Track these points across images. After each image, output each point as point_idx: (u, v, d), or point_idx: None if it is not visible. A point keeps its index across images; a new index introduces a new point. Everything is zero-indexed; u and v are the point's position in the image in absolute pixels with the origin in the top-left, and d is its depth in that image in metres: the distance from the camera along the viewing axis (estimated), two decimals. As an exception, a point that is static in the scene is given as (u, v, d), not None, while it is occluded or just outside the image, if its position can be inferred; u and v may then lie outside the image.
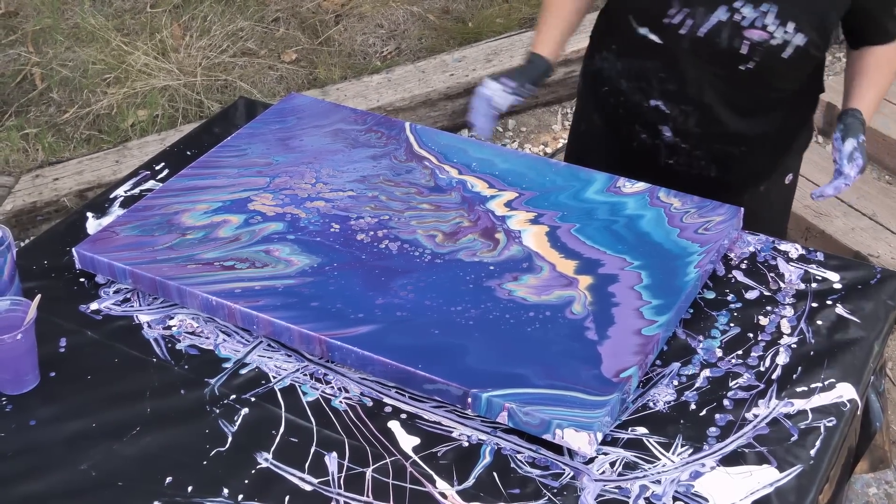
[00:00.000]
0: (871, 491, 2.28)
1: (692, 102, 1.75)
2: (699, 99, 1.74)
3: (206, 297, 1.52)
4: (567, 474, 1.31)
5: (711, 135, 1.78)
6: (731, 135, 1.78)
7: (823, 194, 1.69)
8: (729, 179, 1.84)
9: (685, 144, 1.81)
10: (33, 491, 1.33)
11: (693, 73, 1.72)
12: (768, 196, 1.90)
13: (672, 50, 1.71)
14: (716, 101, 1.74)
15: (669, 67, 1.73)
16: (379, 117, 1.93)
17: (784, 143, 1.85)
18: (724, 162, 1.82)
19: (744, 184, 1.86)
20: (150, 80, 3.55)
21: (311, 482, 1.31)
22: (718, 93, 1.73)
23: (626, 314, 1.45)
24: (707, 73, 1.71)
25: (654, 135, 1.82)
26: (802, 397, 1.38)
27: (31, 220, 3.14)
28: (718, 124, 1.76)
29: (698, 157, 1.82)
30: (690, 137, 1.79)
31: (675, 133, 1.80)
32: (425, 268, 1.56)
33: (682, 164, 1.84)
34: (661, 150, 1.83)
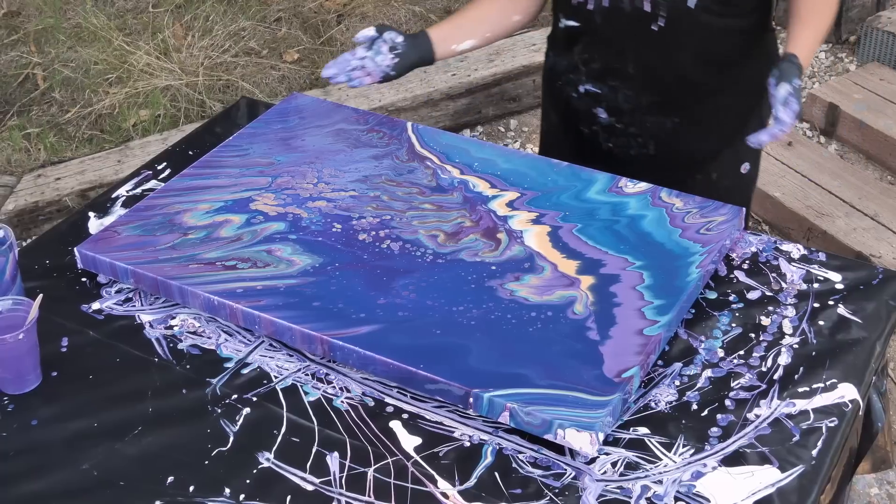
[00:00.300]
0: (873, 491, 2.28)
1: (617, 76, 1.79)
2: (623, 71, 1.78)
3: (208, 297, 1.52)
4: (568, 474, 1.31)
5: (641, 108, 1.80)
6: (660, 105, 1.80)
7: (759, 140, 1.64)
8: (672, 159, 1.85)
9: (620, 124, 1.83)
10: (35, 490, 1.33)
11: (612, 47, 1.76)
12: (721, 184, 1.87)
13: (589, 29, 1.77)
14: (639, 71, 1.77)
15: (591, 47, 1.79)
16: (381, 117, 1.93)
17: (724, 120, 1.83)
18: (660, 137, 1.83)
19: (689, 165, 1.87)
20: (152, 80, 3.55)
21: (313, 482, 1.31)
22: (640, 62, 1.76)
23: (627, 314, 1.45)
24: (624, 43, 1.75)
25: (591, 120, 1.86)
26: (804, 397, 1.38)
27: (32, 220, 3.14)
28: (645, 94, 1.79)
29: (634, 134, 1.84)
30: (624, 115, 1.82)
31: (609, 112, 1.83)
32: (427, 268, 1.56)
33: (621, 146, 1.86)
34: (600, 135, 1.87)
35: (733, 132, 1.84)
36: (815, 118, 3.43)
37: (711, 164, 1.87)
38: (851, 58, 3.72)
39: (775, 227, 3.06)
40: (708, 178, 1.88)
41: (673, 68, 1.76)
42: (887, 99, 3.36)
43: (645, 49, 1.74)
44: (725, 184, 1.88)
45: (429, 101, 3.46)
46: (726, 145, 1.86)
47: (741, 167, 1.90)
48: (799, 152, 3.23)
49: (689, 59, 1.75)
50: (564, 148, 1.95)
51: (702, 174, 1.87)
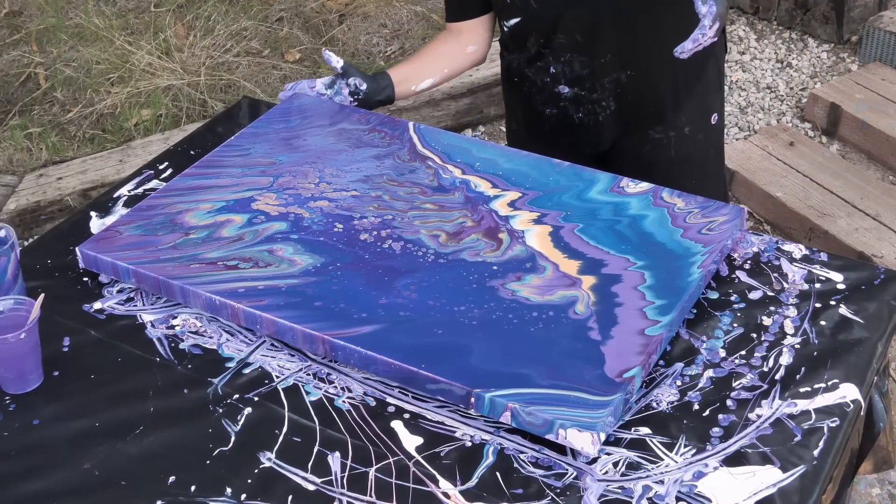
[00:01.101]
0: (875, 492, 2.28)
1: (567, 48, 1.85)
2: (572, 41, 1.84)
3: (210, 297, 1.52)
4: (570, 474, 1.31)
5: (597, 70, 1.87)
6: (613, 62, 1.85)
7: (683, 49, 1.65)
8: (637, 113, 1.91)
9: (583, 91, 1.90)
10: (37, 490, 1.33)
11: (554, 23, 1.83)
12: (697, 137, 1.95)
13: (529, 17, 1.85)
14: (585, 35, 1.83)
15: (538, 32, 1.86)
16: (382, 117, 1.93)
17: (678, 64, 1.84)
18: (620, 94, 1.89)
19: (658, 118, 1.92)
20: (153, 80, 3.55)
21: (314, 482, 1.31)
22: (583, 27, 1.83)
23: (629, 314, 1.45)
24: (564, 14, 1.82)
25: (557, 99, 1.93)
26: (806, 398, 1.38)
27: (34, 220, 3.14)
28: (597, 55, 1.85)
29: (597, 99, 1.90)
30: (584, 81, 1.89)
31: (570, 84, 1.90)
32: (428, 268, 1.56)
33: (590, 114, 1.92)
34: (569, 109, 1.93)
35: (692, 76, 1.90)
36: (816, 118, 3.43)
37: (681, 116, 1.93)
38: (853, 58, 3.72)
39: (777, 226, 3.06)
40: (681, 132, 1.94)
41: (614, 22, 1.82)
42: (889, 99, 3.36)
43: (584, 13, 1.82)
44: (699, 136, 1.95)
45: (430, 100, 3.46)
46: (687, 91, 1.91)
47: (711, 118, 1.95)
48: (800, 152, 3.23)
49: (627, 9, 1.81)
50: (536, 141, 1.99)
51: (675, 130, 1.93)
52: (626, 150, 1.97)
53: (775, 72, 3.70)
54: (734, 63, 3.75)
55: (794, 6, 3.85)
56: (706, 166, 1.99)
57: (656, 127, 1.94)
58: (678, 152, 1.91)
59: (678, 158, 1.91)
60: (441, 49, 2.02)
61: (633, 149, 1.96)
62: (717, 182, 2.05)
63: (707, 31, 1.62)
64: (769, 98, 3.58)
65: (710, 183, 1.99)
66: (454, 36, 2.01)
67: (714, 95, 1.96)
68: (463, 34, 2.00)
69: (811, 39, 3.83)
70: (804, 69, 3.70)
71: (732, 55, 3.78)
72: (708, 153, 2.00)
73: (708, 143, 1.98)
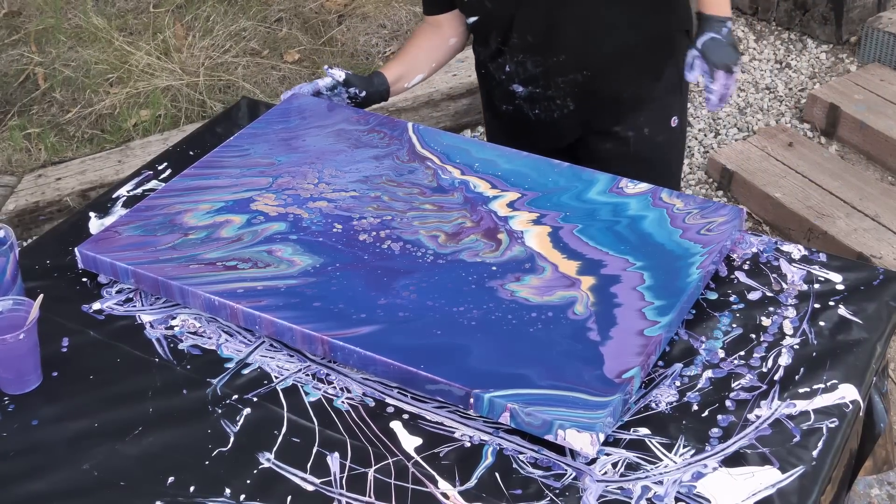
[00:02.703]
0: (874, 492, 2.28)
1: (521, 48, 1.89)
2: (524, 41, 1.88)
3: (209, 298, 1.52)
4: (569, 475, 1.31)
5: (550, 69, 1.89)
6: (568, 63, 1.88)
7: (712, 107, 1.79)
8: (595, 113, 1.94)
9: (537, 90, 1.93)
10: (36, 491, 1.33)
11: (509, 23, 1.87)
12: (656, 139, 1.97)
13: (486, 17, 1.89)
14: (538, 35, 1.87)
15: (497, 31, 1.90)
16: (381, 118, 1.93)
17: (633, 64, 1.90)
18: (577, 93, 1.91)
19: (615, 118, 1.94)
20: (152, 80, 3.55)
21: (314, 482, 1.31)
22: (535, 28, 1.86)
23: (628, 315, 1.45)
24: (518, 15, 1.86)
25: (511, 97, 1.97)
26: (805, 398, 1.38)
27: (33, 220, 3.14)
28: (548, 54, 1.88)
29: (553, 96, 1.93)
30: (538, 81, 1.92)
31: (524, 83, 1.93)
32: (428, 268, 1.56)
33: (546, 112, 1.95)
34: (524, 107, 1.97)
35: (650, 77, 1.92)
36: (815, 119, 3.43)
37: (639, 117, 1.95)
38: (852, 58, 3.72)
39: (776, 227, 3.07)
40: (640, 132, 1.96)
41: (568, 23, 1.85)
42: (888, 100, 3.36)
43: (537, 14, 1.85)
44: (659, 139, 1.98)
45: (429, 101, 3.47)
46: (647, 91, 1.93)
47: (671, 120, 1.98)
48: (799, 153, 3.23)
49: (581, 12, 1.84)
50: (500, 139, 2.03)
51: (634, 130, 1.95)
52: (585, 148, 1.99)
53: (774, 72, 3.70)
54: (733, 64, 3.75)
55: (793, 7, 3.85)
56: (664, 169, 2.01)
57: (615, 126, 1.96)
58: (637, 152, 1.94)
59: (637, 158, 1.95)
60: (426, 44, 2.05)
61: (593, 146, 1.99)
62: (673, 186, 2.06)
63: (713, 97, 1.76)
64: (768, 99, 3.58)
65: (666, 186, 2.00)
66: (434, 29, 2.04)
67: (673, 97, 1.97)
68: (443, 26, 2.03)
69: (810, 40, 3.83)
70: (803, 70, 3.70)
71: (731, 56, 3.78)
72: (667, 156, 2.02)
73: (668, 146, 2.00)
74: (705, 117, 3.52)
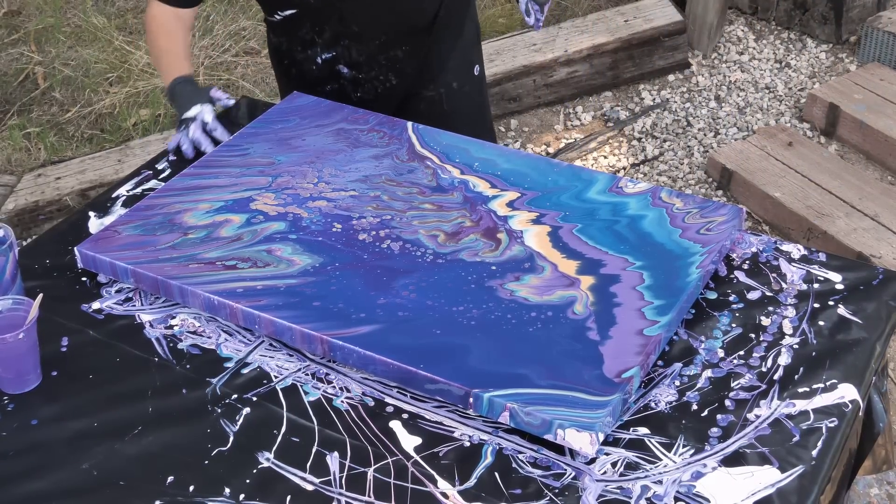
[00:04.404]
0: (873, 492, 2.28)
1: (346, 36, 1.97)
2: (349, 31, 1.96)
3: (208, 297, 1.52)
4: (568, 474, 1.31)
5: (370, 51, 2.00)
6: (387, 43, 1.99)
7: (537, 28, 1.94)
8: (413, 82, 2.06)
9: (361, 73, 2.03)
10: (35, 490, 1.33)
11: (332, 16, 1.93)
12: (464, 90, 2.12)
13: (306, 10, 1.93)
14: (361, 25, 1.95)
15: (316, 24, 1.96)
16: (381, 117, 1.93)
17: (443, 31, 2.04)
18: (396, 67, 2.03)
19: (433, 81, 2.08)
20: (152, 80, 3.55)
21: (313, 482, 1.31)
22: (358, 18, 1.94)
23: (627, 314, 1.45)
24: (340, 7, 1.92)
25: (337, 77, 2.05)
26: (804, 398, 1.38)
27: (33, 220, 3.14)
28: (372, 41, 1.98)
29: (375, 75, 2.03)
30: (362, 66, 2.02)
31: (350, 67, 2.03)
32: (427, 268, 1.56)
33: (368, 90, 2.05)
34: (347, 87, 2.05)
35: (453, 35, 2.07)
36: (815, 118, 3.43)
37: (447, 73, 2.09)
38: (852, 58, 3.72)
39: (775, 227, 3.07)
40: (450, 87, 2.10)
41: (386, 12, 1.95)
42: (888, 99, 3.36)
43: (359, 6, 1.93)
44: (466, 89, 2.12)
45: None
46: (450, 49, 2.07)
47: (473, 69, 2.14)
48: (799, 152, 3.23)
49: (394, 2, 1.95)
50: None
51: (444, 87, 2.09)
52: (404, 113, 2.05)
53: (774, 72, 3.70)
54: (733, 63, 3.75)
55: (792, 6, 3.85)
56: (476, 117, 2.15)
57: (428, 86, 2.09)
58: (449, 106, 2.09)
59: (450, 112, 2.07)
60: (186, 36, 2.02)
61: (411, 109, 2.08)
62: (489, 135, 2.20)
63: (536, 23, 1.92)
64: (768, 98, 3.58)
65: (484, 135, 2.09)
66: (183, 23, 1.99)
67: (473, 49, 2.14)
68: (187, 19, 2.01)
69: (810, 40, 3.83)
70: (803, 69, 3.70)
71: (731, 55, 3.79)
72: (476, 103, 2.18)
73: (475, 94, 2.16)
74: (705, 117, 3.52)
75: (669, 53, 3.68)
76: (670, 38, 3.67)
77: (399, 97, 2.08)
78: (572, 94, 3.61)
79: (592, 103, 3.62)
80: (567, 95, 3.61)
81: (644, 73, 3.68)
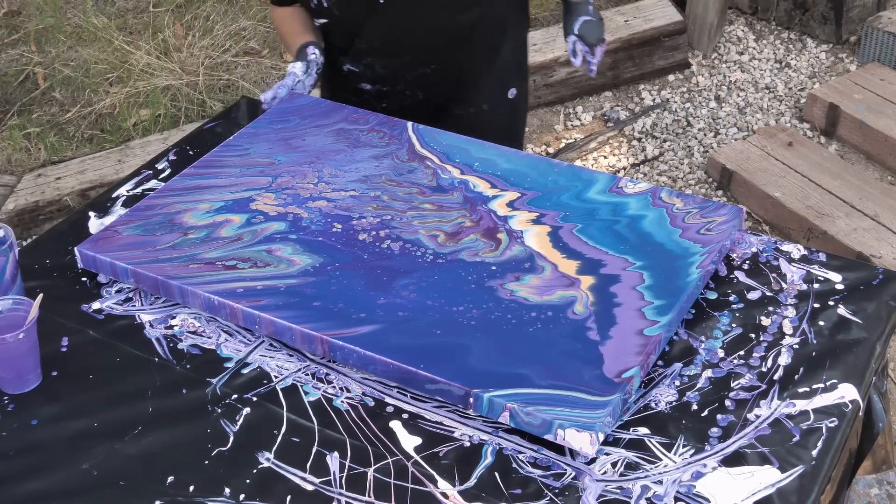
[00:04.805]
0: (873, 492, 2.28)
1: (369, 53, 1.97)
2: (372, 47, 1.96)
3: (208, 297, 1.52)
4: (568, 474, 1.31)
5: (397, 70, 1.99)
6: (413, 61, 1.97)
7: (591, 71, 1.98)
8: (443, 99, 2.05)
9: (385, 87, 2.02)
10: (35, 490, 1.33)
11: (355, 30, 1.94)
12: (497, 111, 2.09)
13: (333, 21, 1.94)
14: (384, 42, 1.95)
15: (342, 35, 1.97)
16: (381, 117, 1.93)
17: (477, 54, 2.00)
18: (425, 83, 2.01)
19: (464, 101, 2.05)
20: (152, 80, 3.55)
21: (313, 482, 1.31)
22: (380, 35, 1.94)
23: (627, 314, 1.45)
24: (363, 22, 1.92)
25: (360, 92, 2.05)
26: (804, 398, 1.38)
27: (33, 220, 3.14)
28: (396, 58, 1.97)
29: (400, 91, 2.03)
30: (387, 80, 2.01)
31: (373, 83, 2.02)
32: (427, 268, 1.56)
33: (393, 103, 2.04)
34: (371, 101, 2.05)
35: (488, 59, 2.03)
36: (815, 118, 3.43)
37: (479, 94, 2.06)
38: (852, 58, 3.72)
39: (775, 227, 3.07)
40: (479, 108, 2.07)
41: (410, 31, 1.93)
42: (888, 99, 3.36)
43: (382, 22, 1.91)
44: (499, 110, 2.10)
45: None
46: (485, 72, 2.04)
47: (508, 92, 2.09)
48: (799, 152, 3.23)
49: (423, 18, 1.92)
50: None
51: (474, 107, 2.06)
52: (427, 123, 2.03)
53: (774, 72, 3.70)
54: (733, 63, 3.75)
55: (792, 6, 3.85)
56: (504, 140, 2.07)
57: (459, 105, 2.06)
58: (478, 126, 2.02)
59: (479, 132, 2.00)
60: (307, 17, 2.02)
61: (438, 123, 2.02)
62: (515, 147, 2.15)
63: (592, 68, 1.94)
64: (768, 98, 3.58)
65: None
66: (300, 10, 2.03)
67: (511, 72, 2.09)
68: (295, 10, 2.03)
69: (810, 40, 3.83)
70: (803, 69, 3.70)
71: (731, 55, 3.79)
72: (507, 126, 2.15)
73: (506, 117, 2.13)
74: (705, 117, 3.52)
75: (669, 53, 3.69)
76: (670, 38, 3.67)
77: (426, 111, 2.04)
78: (572, 94, 3.61)
79: (592, 103, 3.63)
80: (567, 95, 3.61)
81: (644, 73, 3.68)
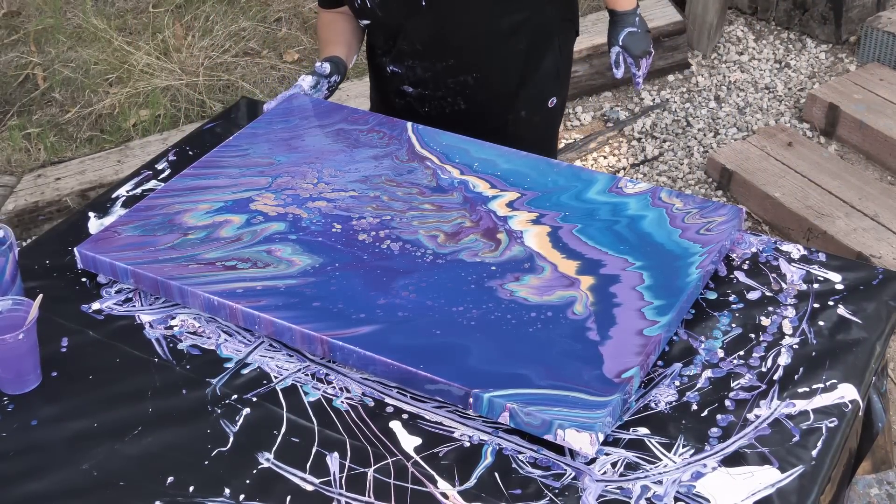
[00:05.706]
0: (873, 492, 2.28)
1: (410, 55, 1.97)
2: (413, 49, 1.96)
3: (208, 297, 1.52)
4: (568, 475, 1.31)
5: (439, 74, 1.98)
6: (455, 67, 1.97)
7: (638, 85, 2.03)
8: (484, 109, 2.03)
9: (426, 91, 2.02)
10: (35, 490, 1.33)
11: (397, 31, 1.94)
12: (534, 120, 2.08)
13: (376, 22, 1.95)
14: (425, 45, 1.94)
15: (384, 36, 1.98)
16: (381, 117, 1.93)
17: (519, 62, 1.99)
18: (465, 93, 2.00)
19: (502, 111, 2.04)
20: (152, 80, 3.55)
21: (313, 482, 1.31)
22: (422, 38, 1.93)
23: (627, 315, 1.45)
24: (404, 25, 1.92)
25: (403, 94, 2.05)
26: (804, 398, 1.38)
27: (32, 220, 3.14)
28: (437, 63, 1.96)
29: (442, 96, 2.02)
30: (428, 84, 2.01)
31: (414, 86, 2.02)
32: (427, 268, 1.56)
33: (435, 108, 2.03)
34: (414, 104, 2.05)
35: (530, 69, 2.01)
36: (815, 118, 3.43)
37: (519, 103, 2.04)
38: (851, 58, 3.72)
39: (775, 227, 3.07)
40: (518, 115, 2.05)
41: (452, 34, 1.92)
42: (887, 99, 3.36)
43: (423, 24, 1.91)
44: (536, 119, 2.08)
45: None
46: (526, 82, 2.02)
47: (548, 102, 2.08)
48: (799, 153, 3.23)
49: (468, 20, 1.91)
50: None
51: (513, 114, 2.05)
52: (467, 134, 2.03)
53: (773, 72, 3.70)
54: (732, 63, 3.75)
55: (792, 6, 3.85)
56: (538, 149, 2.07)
57: (498, 116, 2.05)
58: (514, 134, 2.03)
59: (516, 140, 2.01)
60: (347, 27, 2.06)
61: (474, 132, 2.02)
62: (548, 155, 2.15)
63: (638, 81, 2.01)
64: (767, 98, 3.58)
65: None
66: (342, 15, 2.05)
67: (551, 82, 2.07)
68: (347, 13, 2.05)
69: (809, 40, 3.83)
70: (802, 69, 3.70)
71: (731, 55, 3.79)
72: (542, 136, 2.14)
73: (544, 126, 2.12)
74: (705, 117, 3.52)
75: (669, 53, 3.69)
76: (670, 38, 3.67)
77: (468, 119, 2.03)
78: (572, 94, 3.61)
79: (592, 103, 3.62)
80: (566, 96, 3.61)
81: (644, 74, 3.68)
